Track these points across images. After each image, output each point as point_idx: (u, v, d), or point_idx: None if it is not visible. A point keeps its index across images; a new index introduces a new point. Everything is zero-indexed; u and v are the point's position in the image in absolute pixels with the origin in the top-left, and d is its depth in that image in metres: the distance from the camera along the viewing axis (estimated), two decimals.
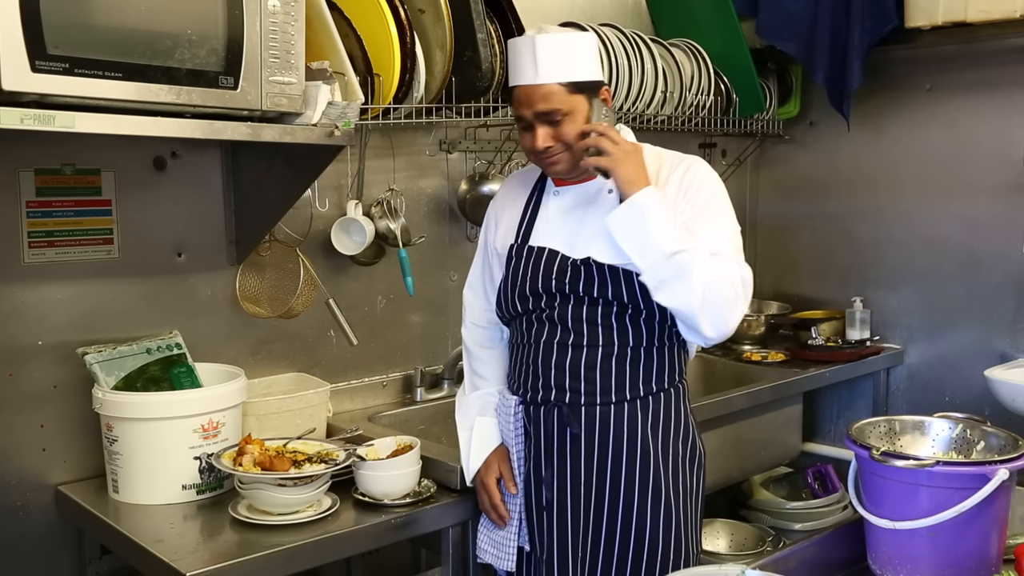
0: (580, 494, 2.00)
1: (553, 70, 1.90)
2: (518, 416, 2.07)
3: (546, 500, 2.04)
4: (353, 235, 2.56)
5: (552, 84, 1.90)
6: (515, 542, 2.08)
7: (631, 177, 1.86)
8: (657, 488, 1.98)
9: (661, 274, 1.84)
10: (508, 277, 2.06)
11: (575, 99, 1.91)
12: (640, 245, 1.85)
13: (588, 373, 1.98)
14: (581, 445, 2.00)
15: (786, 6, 3.27)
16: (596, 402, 1.99)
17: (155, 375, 2.21)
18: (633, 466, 1.98)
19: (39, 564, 2.21)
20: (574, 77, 1.91)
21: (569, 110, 1.91)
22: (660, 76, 3.01)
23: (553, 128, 1.92)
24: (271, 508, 1.97)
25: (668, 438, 2.02)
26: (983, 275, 3.27)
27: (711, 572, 1.43)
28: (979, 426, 1.72)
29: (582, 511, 2.00)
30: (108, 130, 1.75)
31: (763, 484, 3.33)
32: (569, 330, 1.99)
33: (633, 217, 1.85)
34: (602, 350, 1.97)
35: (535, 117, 1.93)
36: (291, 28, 1.95)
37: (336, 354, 2.67)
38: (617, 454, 1.98)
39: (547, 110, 1.91)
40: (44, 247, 2.17)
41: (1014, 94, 3.14)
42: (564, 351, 1.99)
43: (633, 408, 1.99)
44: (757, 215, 3.89)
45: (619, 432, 1.98)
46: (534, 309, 2.03)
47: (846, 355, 3.33)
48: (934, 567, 1.57)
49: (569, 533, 2.01)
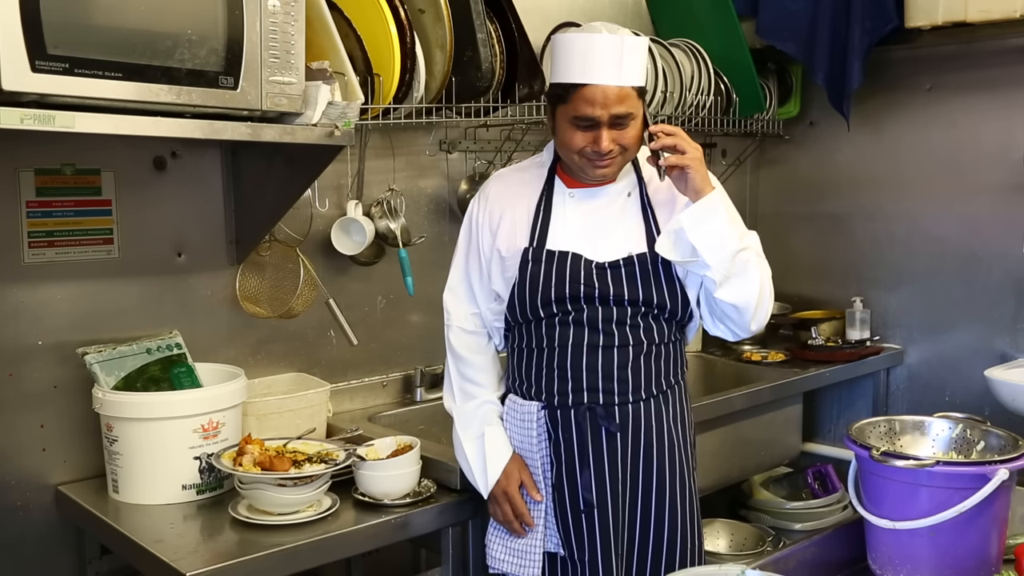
0: (619, 492, 2.00)
1: (635, 73, 1.92)
2: (540, 422, 2.02)
3: (584, 502, 1.99)
4: (353, 235, 2.56)
5: (629, 87, 1.91)
6: (540, 548, 2.03)
7: (704, 178, 1.94)
8: (684, 479, 2.04)
9: (728, 270, 1.92)
10: (526, 282, 2.00)
11: (640, 103, 1.96)
12: (711, 242, 1.91)
13: (621, 372, 1.98)
14: (617, 444, 1.99)
15: (786, 6, 3.27)
16: (628, 400, 2.00)
17: (155, 375, 2.21)
18: (663, 460, 2.01)
19: (39, 564, 2.21)
20: (641, 81, 1.95)
21: (638, 113, 1.94)
22: (660, 76, 3.01)
23: (617, 131, 1.92)
24: (271, 508, 1.97)
25: (685, 430, 2.08)
26: (983, 275, 3.27)
27: (711, 572, 1.43)
28: (979, 426, 1.72)
29: (621, 509, 2.01)
30: (108, 130, 1.75)
31: (763, 484, 3.33)
32: (599, 331, 1.98)
33: (708, 215, 1.91)
34: (632, 349, 1.99)
35: (609, 118, 1.90)
36: (291, 28, 1.95)
37: (336, 354, 2.67)
38: (649, 449, 2.00)
39: (623, 112, 1.90)
40: (44, 247, 2.17)
41: (1014, 94, 3.14)
42: (595, 352, 1.98)
43: (658, 403, 2.02)
44: (757, 215, 3.89)
45: (650, 427, 2.01)
46: (558, 313, 1.99)
47: (846, 355, 3.33)
48: (934, 567, 1.57)
49: (611, 532, 2.00)
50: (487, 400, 2.10)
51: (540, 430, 2.02)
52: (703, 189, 1.92)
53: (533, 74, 2.70)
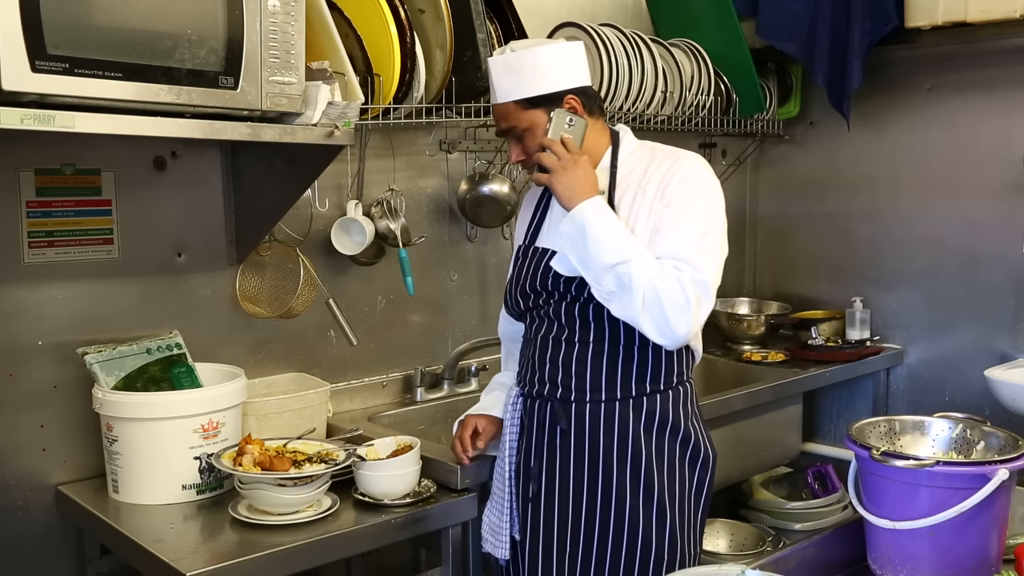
0: (568, 490, 2.02)
1: (506, 90, 1.98)
2: (516, 407, 2.12)
3: (533, 492, 2.07)
4: (353, 235, 2.56)
5: (507, 103, 1.98)
6: (508, 531, 2.10)
7: (568, 193, 1.90)
8: (650, 489, 1.99)
9: (606, 285, 1.86)
10: (512, 276, 2.12)
11: (531, 114, 1.96)
12: (583, 258, 1.89)
13: (579, 369, 2.00)
14: (570, 441, 2.02)
15: (786, 6, 3.27)
16: (586, 399, 2.00)
17: (155, 375, 2.21)
18: (624, 466, 1.99)
19: (39, 564, 2.21)
20: (529, 93, 1.96)
21: (528, 125, 1.97)
22: (660, 76, 3.01)
23: (521, 143, 2.00)
24: (271, 508, 1.97)
25: (664, 439, 2.02)
26: (983, 275, 3.27)
27: (711, 572, 1.43)
28: (979, 426, 1.72)
29: (570, 507, 2.02)
30: (108, 130, 1.75)
31: (763, 484, 3.33)
32: (563, 326, 2.01)
33: (575, 230, 1.88)
34: (593, 347, 1.99)
35: (501, 134, 2.05)
36: (291, 28, 1.95)
37: (336, 354, 2.67)
38: (607, 453, 1.99)
39: (507, 128, 2.00)
40: (44, 247, 2.17)
41: (1014, 94, 3.14)
42: (558, 346, 2.03)
43: (625, 407, 1.99)
44: (757, 215, 3.89)
45: (609, 431, 1.99)
46: (534, 307, 2.07)
47: (846, 355, 3.33)
48: (934, 567, 1.57)
49: (556, 527, 2.03)
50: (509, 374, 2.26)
51: (514, 415, 2.12)
52: (566, 204, 1.90)
53: None
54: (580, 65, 2.02)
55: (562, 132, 1.94)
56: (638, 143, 2.07)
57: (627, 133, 2.07)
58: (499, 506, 2.11)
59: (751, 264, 3.93)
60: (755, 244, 3.91)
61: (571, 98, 1.97)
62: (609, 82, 2.88)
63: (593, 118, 2.01)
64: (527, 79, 1.95)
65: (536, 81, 1.95)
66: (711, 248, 1.90)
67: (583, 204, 1.88)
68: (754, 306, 3.76)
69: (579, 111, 1.97)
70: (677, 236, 1.89)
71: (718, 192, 1.98)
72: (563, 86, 1.97)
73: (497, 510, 2.12)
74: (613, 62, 2.88)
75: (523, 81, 1.95)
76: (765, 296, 3.84)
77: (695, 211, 1.92)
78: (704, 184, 1.95)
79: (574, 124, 1.96)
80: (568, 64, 1.98)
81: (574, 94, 1.98)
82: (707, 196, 1.95)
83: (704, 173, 1.97)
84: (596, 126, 2.03)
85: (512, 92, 1.97)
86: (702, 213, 1.92)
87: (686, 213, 1.91)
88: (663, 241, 1.89)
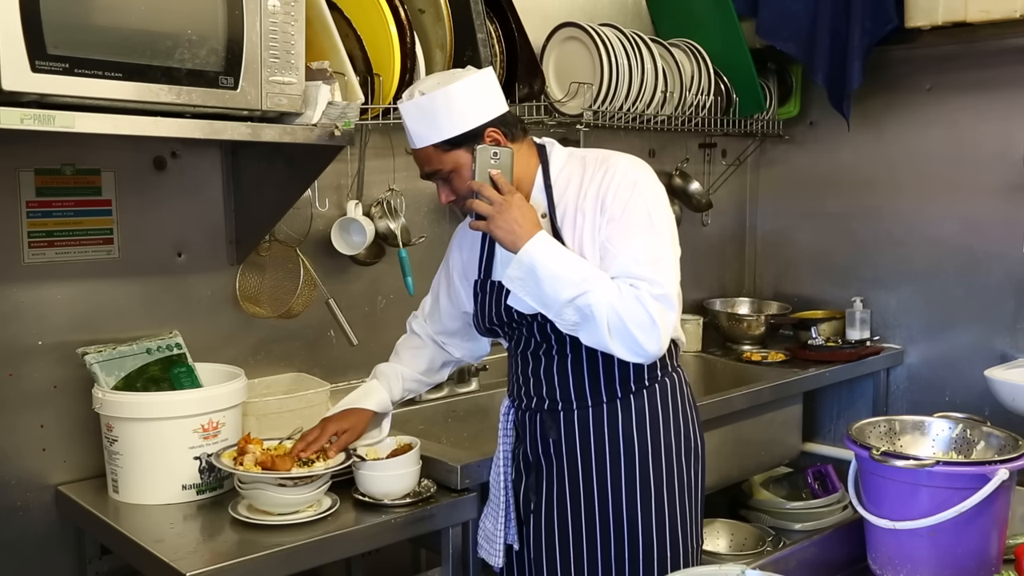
0: (566, 499, 2.02)
1: (422, 135, 1.90)
2: (507, 418, 2.11)
3: (533, 504, 2.06)
4: (353, 235, 2.56)
5: (426, 147, 1.91)
6: (502, 540, 2.10)
7: (509, 237, 1.84)
8: (646, 486, 1.99)
9: (568, 319, 1.84)
10: (477, 311, 2.07)
11: (453, 155, 1.89)
12: (539, 298, 1.85)
13: (561, 380, 2.00)
14: (563, 451, 2.02)
15: (786, 6, 3.27)
16: (573, 407, 2.00)
17: (155, 375, 2.21)
18: (618, 468, 1.98)
19: (39, 564, 2.21)
20: (446, 135, 1.87)
21: (452, 167, 1.90)
22: (660, 76, 3.01)
23: (449, 184, 1.94)
24: (271, 508, 1.97)
25: (658, 433, 2.01)
26: (983, 275, 3.27)
27: (711, 572, 1.43)
28: (979, 426, 1.72)
29: (569, 517, 2.01)
30: (108, 130, 1.75)
31: (763, 484, 3.33)
32: (540, 342, 2.00)
33: (525, 273, 1.84)
34: (571, 356, 1.98)
35: (426, 177, 1.97)
36: (291, 28, 1.95)
37: (336, 354, 2.67)
38: (600, 457, 1.99)
39: (431, 171, 1.94)
40: (44, 247, 2.17)
41: (1014, 94, 3.14)
42: (538, 360, 2.03)
43: (613, 409, 1.99)
44: (757, 215, 3.89)
45: (600, 435, 1.99)
46: (508, 330, 2.06)
47: (846, 355, 3.33)
48: (934, 567, 1.57)
49: (557, 536, 2.03)
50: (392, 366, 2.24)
51: (506, 427, 2.10)
52: (512, 248, 1.84)
53: (533, 74, 2.70)
54: (494, 94, 1.93)
55: (489, 169, 1.86)
56: (567, 154, 2.00)
57: (554, 146, 2.01)
58: (495, 514, 2.11)
59: (751, 264, 3.93)
60: (755, 244, 3.91)
61: (491, 131, 1.89)
62: (609, 82, 2.88)
63: (518, 143, 1.93)
64: (442, 121, 1.87)
65: (452, 121, 1.87)
66: (662, 255, 1.87)
67: (527, 245, 1.82)
68: (754, 306, 3.76)
69: (502, 142, 1.90)
70: (627, 253, 1.85)
71: (656, 189, 1.93)
72: (481, 120, 1.88)
73: (492, 517, 2.11)
74: (613, 62, 2.88)
75: (438, 123, 1.87)
76: (765, 296, 3.84)
77: (638, 220, 1.87)
78: (640, 187, 1.90)
79: (499, 156, 1.87)
80: (482, 96, 1.90)
81: (493, 126, 1.89)
82: (646, 199, 1.89)
83: (638, 175, 1.92)
84: (522, 149, 1.95)
85: (429, 136, 1.88)
86: (646, 220, 1.87)
87: (631, 225, 1.86)
88: (614, 261, 1.85)
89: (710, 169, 3.63)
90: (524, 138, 1.98)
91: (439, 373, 2.30)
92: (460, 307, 2.16)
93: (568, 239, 1.92)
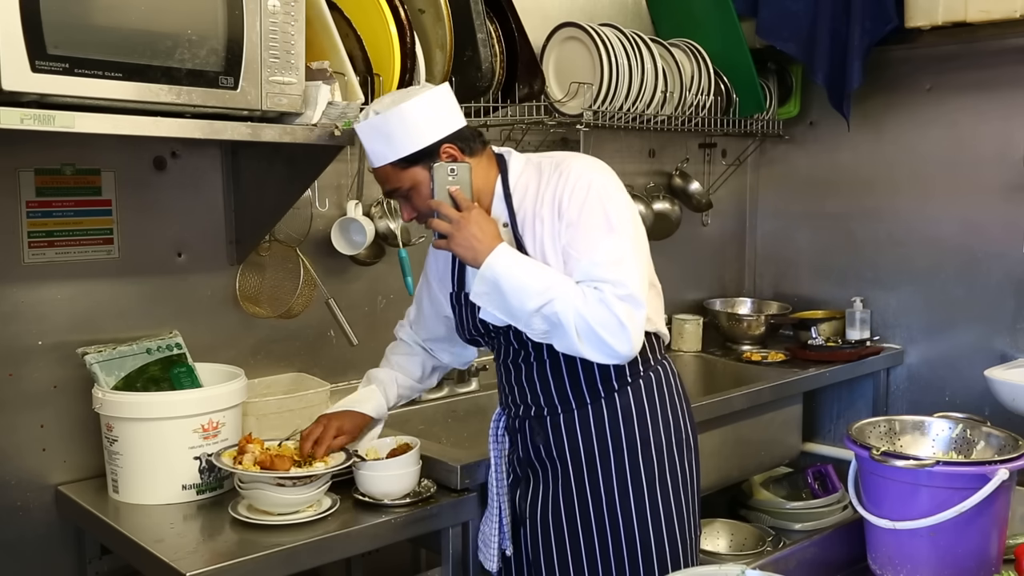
0: (559, 503, 2.02)
1: (379, 153, 1.92)
2: (498, 425, 2.14)
3: (528, 510, 2.08)
4: (353, 235, 2.56)
5: (384, 166, 1.92)
6: (497, 544, 2.11)
7: (469, 253, 1.86)
8: (638, 483, 1.99)
9: (537, 328, 1.85)
10: (457, 322, 2.10)
11: (411, 173, 1.91)
12: (506, 310, 1.87)
13: (543, 385, 2.01)
14: (552, 455, 2.03)
15: (786, 6, 3.27)
16: (558, 411, 2.01)
17: (155, 375, 2.21)
18: (608, 467, 1.99)
19: (39, 564, 2.21)
20: (402, 153, 1.89)
21: (410, 184, 1.92)
22: (660, 76, 3.01)
23: (409, 201, 1.95)
24: (271, 508, 1.97)
25: (647, 429, 2.00)
26: (983, 275, 3.27)
27: (711, 572, 1.43)
28: (979, 426, 1.72)
29: (564, 519, 2.02)
30: (108, 130, 1.75)
31: (763, 484, 3.33)
32: (518, 350, 2.02)
33: (489, 288, 1.85)
34: (550, 361, 1.98)
35: (387, 195, 2.01)
36: (291, 28, 1.95)
37: (336, 354, 2.67)
38: (589, 458, 2.00)
39: (391, 189, 1.96)
40: (44, 247, 2.17)
41: (1014, 94, 3.14)
42: (519, 369, 2.04)
43: (597, 409, 1.99)
44: (757, 215, 3.89)
45: (587, 436, 1.99)
46: (489, 339, 2.08)
47: (846, 355, 3.33)
48: (934, 567, 1.57)
49: (553, 541, 2.04)
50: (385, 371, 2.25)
51: (495, 433, 2.13)
52: (474, 264, 1.86)
53: (533, 74, 2.69)
54: (450, 109, 1.93)
55: (447, 186, 1.88)
56: (524, 161, 2.01)
57: (511, 154, 2.01)
58: (491, 519, 2.12)
59: (751, 264, 3.93)
60: (755, 244, 3.91)
61: (447, 147, 1.90)
62: (609, 82, 2.88)
63: (476, 157, 1.94)
64: (397, 139, 1.88)
65: (407, 139, 1.88)
66: (623, 255, 1.86)
67: (488, 260, 1.83)
68: (754, 306, 3.76)
69: (458, 158, 1.91)
70: (588, 257, 1.85)
71: (611, 187, 1.92)
72: (436, 137, 1.89)
73: (489, 522, 2.13)
74: (613, 62, 2.88)
75: (393, 142, 1.88)
76: (765, 296, 3.84)
77: (596, 222, 1.87)
78: (595, 188, 1.89)
79: (457, 172, 1.89)
80: (437, 113, 1.90)
81: (449, 142, 1.90)
82: (602, 199, 1.88)
83: (592, 176, 1.91)
84: (481, 161, 1.96)
85: (386, 155, 1.90)
86: (603, 221, 1.87)
87: (589, 228, 1.86)
88: (576, 265, 1.86)
89: (710, 169, 3.63)
90: (483, 150, 1.98)
91: (430, 379, 2.32)
92: (443, 312, 2.18)
93: (530, 247, 1.93)
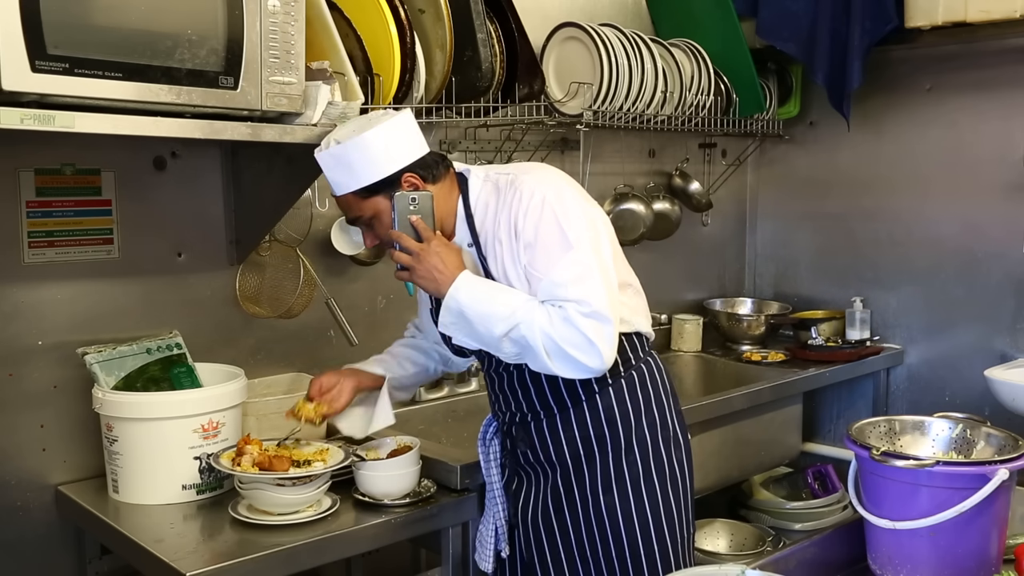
0: (549, 506, 2.03)
1: (340, 183, 1.92)
2: (488, 430, 2.15)
3: (520, 514, 2.09)
4: (353, 235, 2.55)
5: (346, 195, 1.92)
6: (492, 545, 2.12)
7: (432, 285, 1.88)
8: (622, 482, 1.98)
9: (508, 351, 1.87)
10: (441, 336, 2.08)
11: (372, 202, 1.90)
12: (475, 337, 1.89)
13: (523, 392, 2.02)
14: (540, 458, 2.04)
15: (786, 6, 3.27)
16: (541, 417, 2.02)
17: (155, 375, 2.21)
18: (594, 467, 1.99)
19: (39, 564, 2.21)
20: (363, 182, 1.88)
21: (372, 213, 1.92)
22: (660, 76, 3.01)
23: (372, 229, 1.96)
24: (271, 508, 1.97)
25: (630, 428, 1.99)
26: (983, 275, 3.27)
27: (711, 572, 1.43)
28: (979, 426, 1.72)
29: (555, 521, 2.03)
30: (108, 130, 1.75)
31: (763, 484, 3.33)
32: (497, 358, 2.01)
33: (455, 317, 1.87)
34: (527, 367, 1.96)
35: (350, 222, 2.01)
36: (291, 28, 1.95)
37: (336, 354, 2.67)
38: (575, 460, 2.00)
39: (353, 217, 1.96)
40: (44, 247, 2.17)
41: (1014, 94, 3.14)
42: (501, 377, 2.06)
43: (580, 411, 1.99)
44: (757, 215, 3.89)
45: (571, 438, 2.00)
46: (471, 352, 2.09)
47: (846, 355, 3.33)
48: (934, 567, 1.57)
49: (545, 543, 2.05)
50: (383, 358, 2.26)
51: (484, 437, 2.14)
52: (437, 295, 1.88)
53: (533, 74, 2.69)
54: (411, 137, 1.92)
55: (408, 216, 1.87)
56: (483, 178, 1.99)
57: (471, 173, 2.00)
58: (488, 521, 2.13)
59: (751, 264, 3.93)
60: (755, 244, 3.91)
61: (408, 176, 1.89)
62: (609, 82, 2.88)
63: (439, 183, 1.93)
64: (358, 169, 1.87)
65: (368, 169, 1.87)
66: (584, 271, 1.84)
67: (451, 291, 1.85)
68: (754, 306, 3.76)
69: (420, 186, 1.90)
70: (549, 276, 1.84)
71: (565, 201, 1.89)
72: (397, 167, 1.88)
73: (485, 523, 2.14)
74: (613, 62, 2.88)
75: (354, 172, 1.88)
76: (765, 296, 3.84)
77: (553, 240, 1.85)
78: (548, 204, 1.86)
79: (418, 201, 1.88)
80: (398, 142, 1.89)
81: (411, 170, 1.89)
82: (556, 216, 1.86)
83: (545, 191, 1.88)
84: (444, 187, 1.95)
85: (347, 184, 1.90)
86: (559, 239, 1.85)
87: (546, 247, 1.85)
88: (539, 285, 1.85)
89: (710, 169, 3.63)
90: (446, 174, 1.97)
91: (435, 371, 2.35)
92: None
93: (493, 268, 1.94)
